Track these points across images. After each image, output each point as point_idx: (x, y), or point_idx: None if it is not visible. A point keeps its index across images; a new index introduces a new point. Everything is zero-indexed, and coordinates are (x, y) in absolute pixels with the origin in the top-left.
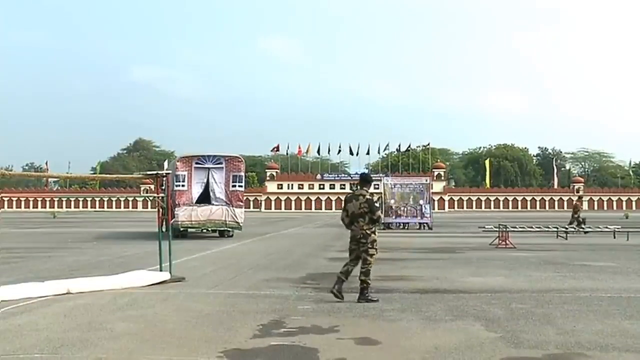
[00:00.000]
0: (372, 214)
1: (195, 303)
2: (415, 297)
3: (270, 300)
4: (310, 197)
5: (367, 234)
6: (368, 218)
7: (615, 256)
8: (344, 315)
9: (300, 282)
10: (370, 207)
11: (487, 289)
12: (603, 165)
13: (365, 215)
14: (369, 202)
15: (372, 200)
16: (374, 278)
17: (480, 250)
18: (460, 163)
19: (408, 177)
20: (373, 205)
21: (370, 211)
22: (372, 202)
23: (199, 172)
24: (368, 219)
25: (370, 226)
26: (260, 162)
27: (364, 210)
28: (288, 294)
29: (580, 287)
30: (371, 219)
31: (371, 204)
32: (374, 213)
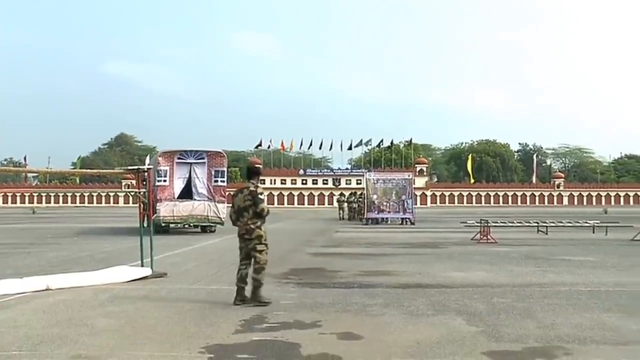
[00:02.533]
0: (256, 207)
1: (177, 299)
2: (397, 292)
3: None
4: (293, 192)
5: (251, 229)
6: (252, 212)
7: (594, 251)
8: (327, 310)
9: (283, 277)
10: (254, 200)
11: (469, 283)
12: (583, 160)
13: (250, 208)
14: (252, 194)
15: (257, 192)
16: (356, 273)
17: (462, 245)
18: (442, 159)
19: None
20: (257, 197)
21: (254, 204)
22: (256, 194)
23: (181, 168)
24: (252, 213)
25: (255, 220)
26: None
27: (248, 203)
28: (270, 289)
29: (560, 281)
30: (255, 213)
31: (255, 196)
32: (257, 206)
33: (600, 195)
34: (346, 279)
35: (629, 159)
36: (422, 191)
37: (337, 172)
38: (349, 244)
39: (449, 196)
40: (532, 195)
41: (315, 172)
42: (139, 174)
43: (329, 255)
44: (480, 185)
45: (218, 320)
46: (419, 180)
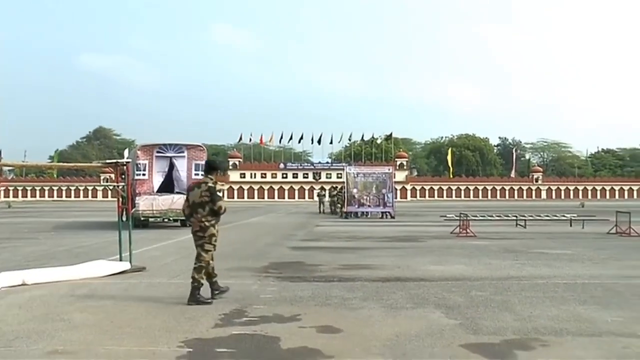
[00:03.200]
0: (213, 204)
1: (156, 293)
2: (377, 286)
3: (232, 289)
4: (273, 186)
5: (205, 226)
6: (208, 209)
7: (571, 244)
8: (306, 304)
9: (263, 271)
10: (211, 196)
11: (448, 277)
12: (561, 155)
13: (206, 205)
14: (210, 191)
15: (215, 189)
16: (336, 267)
17: (442, 238)
18: (422, 153)
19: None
20: (215, 194)
21: (211, 200)
22: (214, 191)
23: (160, 161)
24: (208, 210)
25: (209, 218)
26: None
27: (205, 199)
28: (250, 282)
29: (537, 274)
30: (212, 210)
31: (213, 193)
32: (214, 203)
33: (578, 190)
34: (326, 273)
35: (605, 154)
36: (402, 185)
37: (317, 166)
38: (329, 237)
39: (428, 190)
40: (511, 190)
41: (295, 166)
42: (118, 168)
43: (309, 249)
44: (460, 180)
45: (197, 315)
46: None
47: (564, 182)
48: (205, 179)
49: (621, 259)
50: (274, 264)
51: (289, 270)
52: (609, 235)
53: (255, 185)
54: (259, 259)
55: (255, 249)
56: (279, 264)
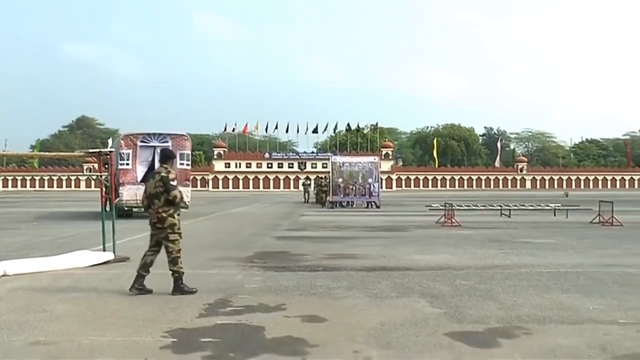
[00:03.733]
0: (168, 194)
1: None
2: (362, 275)
3: (217, 279)
4: (258, 176)
5: (163, 217)
6: (164, 199)
7: (555, 233)
8: (291, 293)
9: (248, 261)
10: (165, 186)
11: (433, 266)
12: (545, 145)
13: (161, 195)
14: (163, 181)
15: (169, 178)
16: (321, 256)
17: (427, 228)
18: (408, 142)
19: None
20: (169, 184)
21: (165, 191)
22: (167, 180)
23: (144, 151)
24: (164, 200)
25: (166, 208)
26: (207, 141)
27: (159, 190)
28: (235, 272)
29: (521, 263)
30: (167, 200)
31: (166, 183)
32: (169, 193)
33: (562, 179)
34: (311, 263)
35: (589, 144)
36: (387, 175)
37: (302, 155)
38: (315, 227)
39: (414, 180)
40: (496, 179)
41: (280, 156)
42: (101, 157)
43: (294, 238)
44: (445, 169)
45: (181, 305)
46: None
47: (548, 172)
48: (159, 169)
49: (603, 247)
50: (258, 254)
51: (274, 260)
52: (591, 224)
53: (240, 175)
54: (243, 249)
55: (239, 239)
56: (264, 254)
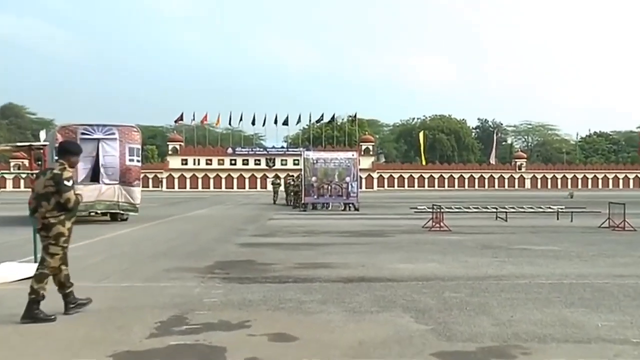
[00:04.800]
0: (60, 196)
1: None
2: (338, 287)
3: (171, 293)
4: (220, 174)
5: (50, 223)
6: (54, 201)
7: (557, 239)
8: (257, 308)
9: (207, 272)
10: (57, 186)
11: (418, 276)
12: (547, 139)
13: (51, 197)
14: (55, 179)
15: (62, 177)
16: (291, 266)
17: (412, 233)
18: (391, 136)
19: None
20: (62, 183)
21: (57, 191)
22: (60, 179)
23: (86, 144)
24: (54, 203)
25: (56, 213)
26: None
27: (50, 189)
28: (192, 285)
29: (519, 273)
30: (58, 203)
31: (59, 182)
32: (61, 194)
33: (566, 178)
34: (280, 273)
35: (598, 137)
36: (367, 173)
37: (271, 151)
38: (284, 232)
39: (398, 178)
40: (491, 178)
41: (245, 151)
42: (32, 152)
43: (260, 245)
44: (433, 167)
45: (129, 323)
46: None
47: (550, 169)
48: (53, 165)
49: (613, 256)
50: (219, 263)
51: (237, 270)
52: (600, 229)
53: (199, 173)
54: (202, 257)
55: (198, 246)
56: (226, 263)
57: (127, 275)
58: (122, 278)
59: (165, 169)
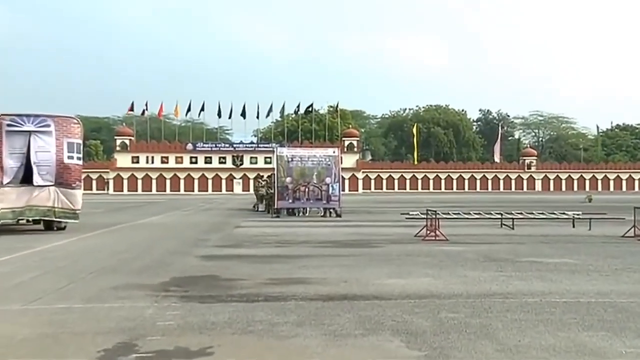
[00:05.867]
0: None
1: (4, 324)
2: (316, 306)
3: (118, 315)
4: (179, 174)
5: None
6: None
7: (573, 250)
8: (221, 332)
9: (162, 290)
10: None
11: (410, 293)
12: (562, 133)
13: None
14: None
15: None
16: (261, 282)
17: (403, 243)
18: (378, 130)
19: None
20: None
21: None
22: None
23: (13, 138)
24: None
25: None
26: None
27: None
28: (144, 305)
29: (528, 290)
30: None
31: None
32: None
33: (584, 179)
34: (248, 290)
35: (622, 131)
36: (351, 173)
37: (238, 147)
38: (254, 243)
39: (386, 179)
40: (495, 179)
41: (208, 147)
42: None
43: (225, 258)
44: (428, 166)
45: (66, 352)
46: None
47: (565, 168)
48: None
49: (639, 270)
50: (177, 280)
51: (198, 288)
52: (624, 239)
53: (153, 173)
54: (156, 272)
55: (151, 260)
56: (185, 279)
57: (64, 295)
58: (58, 298)
59: (112, 168)
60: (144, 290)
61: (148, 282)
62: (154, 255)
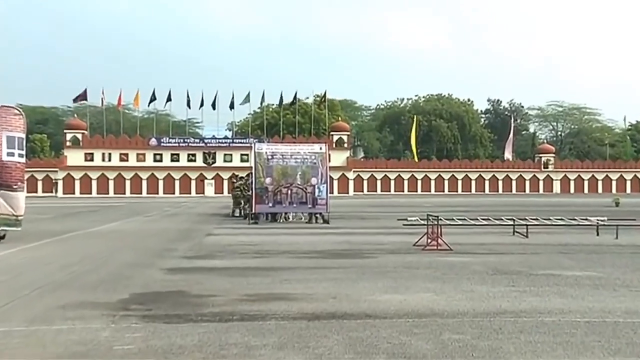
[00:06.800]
0: None
1: None
2: (300, 326)
3: (68, 339)
4: (140, 173)
5: None
6: None
7: (597, 262)
8: (189, 357)
9: (120, 308)
10: None
11: (408, 311)
12: (585, 126)
13: None
14: None
15: None
16: (236, 298)
17: (400, 253)
18: (372, 123)
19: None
20: None
21: None
22: None
23: None
24: None
25: None
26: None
27: None
28: (98, 327)
29: (544, 307)
30: None
31: None
32: None
33: (610, 179)
34: (221, 308)
35: None
36: (341, 172)
37: (210, 143)
38: (228, 253)
39: (381, 180)
40: (507, 179)
41: (175, 143)
42: None
43: (195, 271)
44: (429, 164)
45: None
46: (336, 156)
47: (587, 167)
48: None
49: None
50: (138, 296)
51: (163, 306)
52: None
53: (110, 173)
54: (114, 288)
55: (108, 273)
56: (147, 296)
57: (3, 316)
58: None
59: (61, 166)
60: (98, 309)
61: (104, 300)
62: (111, 268)
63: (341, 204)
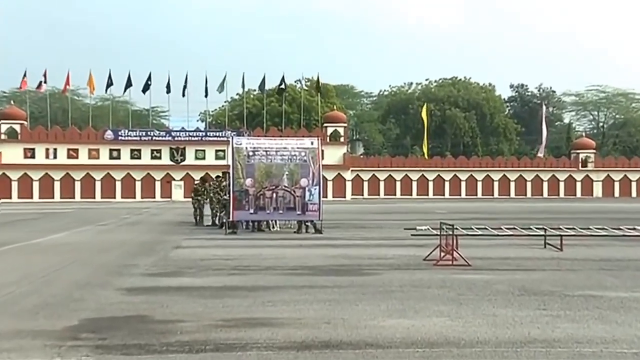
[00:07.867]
0: None
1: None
2: (287, 357)
3: None
4: (93, 173)
5: None
6: None
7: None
8: None
9: (68, 338)
10: None
11: (418, 340)
12: (632, 116)
13: None
14: None
15: None
16: (210, 324)
17: (408, 270)
18: (374, 112)
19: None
20: None
21: None
22: None
23: None
24: None
25: None
26: None
27: None
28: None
29: (583, 336)
30: None
31: None
32: None
33: None
34: (192, 336)
35: None
36: (336, 172)
37: (179, 136)
38: (200, 269)
39: (385, 180)
40: (537, 180)
41: (136, 137)
42: None
43: (160, 291)
44: (442, 162)
45: None
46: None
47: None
48: None
49: None
50: (89, 323)
51: (120, 333)
52: None
53: (55, 173)
54: (59, 313)
55: (52, 295)
56: (101, 322)
57: None
58: None
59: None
60: (40, 338)
61: (47, 327)
62: (57, 289)
63: (337, 209)
